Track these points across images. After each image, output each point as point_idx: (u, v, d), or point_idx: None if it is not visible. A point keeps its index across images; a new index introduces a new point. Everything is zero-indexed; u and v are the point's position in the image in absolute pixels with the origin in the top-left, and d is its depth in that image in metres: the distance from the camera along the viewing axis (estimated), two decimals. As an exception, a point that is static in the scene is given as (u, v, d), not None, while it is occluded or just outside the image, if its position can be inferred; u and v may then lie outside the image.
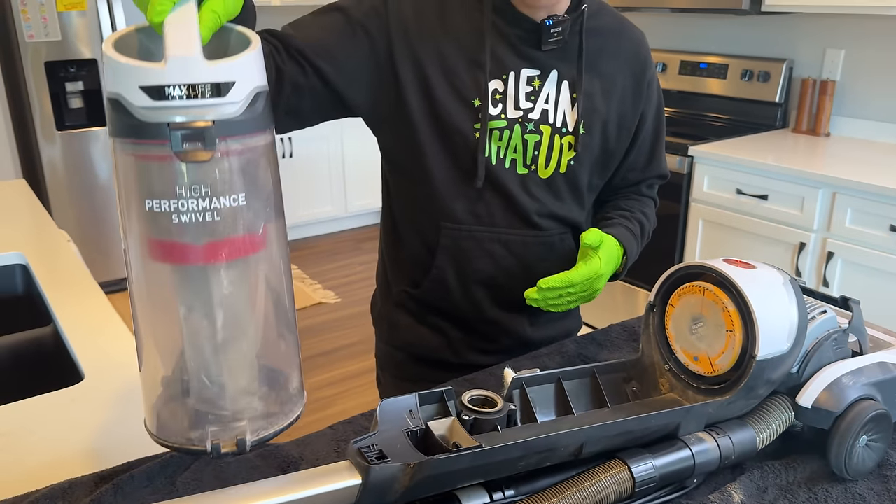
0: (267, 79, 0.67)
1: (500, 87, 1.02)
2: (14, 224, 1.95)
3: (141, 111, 0.58)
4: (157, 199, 0.60)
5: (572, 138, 1.06)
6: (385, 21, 0.99)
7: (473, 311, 1.13)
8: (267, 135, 0.65)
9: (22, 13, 3.23)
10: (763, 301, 0.78)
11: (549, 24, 1.00)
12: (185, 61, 0.58)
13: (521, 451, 0.69)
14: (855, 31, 2.65)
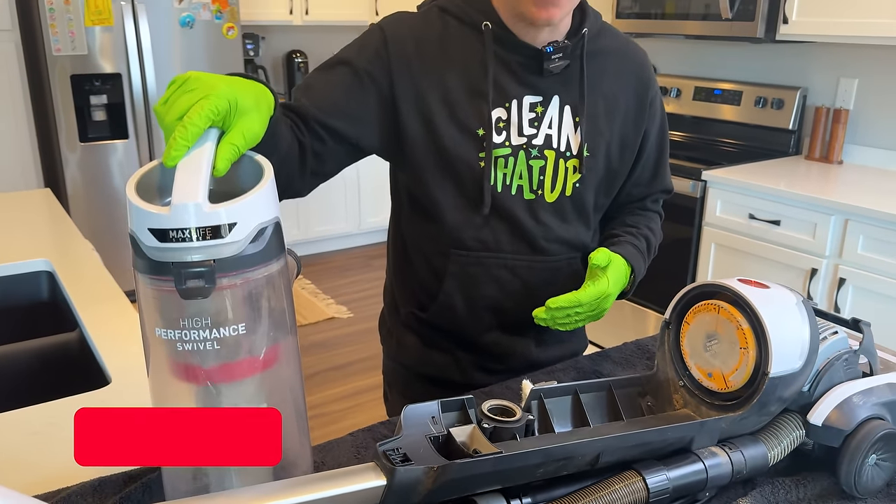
0: (291, 153, 0.71)
1: (503, 114, 1.04)
2: (40, 232, 1.99)
3: (150, 250, 0.64)
4: (164, 329, 0.66)
5: (577, 161, 1.08)
6: (387, 62, 1.02)
7: (481, 334, 1.15)
8: (272, 265, 0.69)
9: (50, 27, 3.31)
10: (776, 320, 0.81)
11: (549, 50, 1.03)
12: (189, 207, 0.62)
13: (539, 459, 0.71)
14: (868, 60, 2.68)
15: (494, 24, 1.04)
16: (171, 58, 3.66)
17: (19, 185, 3.56)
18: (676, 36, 3.02)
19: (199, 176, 0.65)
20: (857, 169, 2.69)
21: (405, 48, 1.03)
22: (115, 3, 3.42)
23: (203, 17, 3.69)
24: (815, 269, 2.32)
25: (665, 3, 2.93)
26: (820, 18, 2.49)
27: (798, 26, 2.56)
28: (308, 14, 4.37)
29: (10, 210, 2.16)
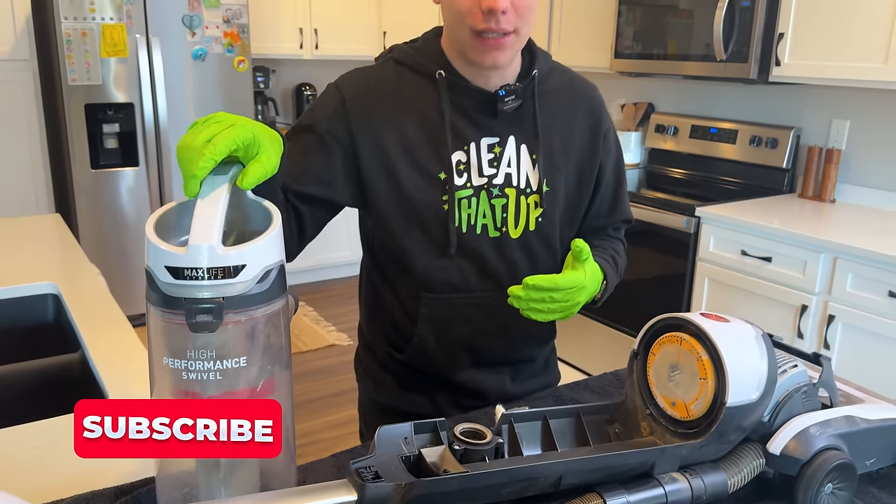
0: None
1: (462, 157, 1.09)
2: (48, 256, 2.06)
3: (164, 285, 0.70)
4: (172, 358, 0.72)
5: (537, 197, 1.13)
6: (346, 120, 1.08)
7: (456, 373, 1.18)
8: (274, 304, 0.75)
9: (67, 58, 3.42)
10: (734, 352, 0.85)
11: (502, 94, 1.08)
12: (203, 249, 0.69)
13: (504, 479, 0.76)
14: (860, 102, 2.75)
15: (447, 71, 1.09)
16: (182, 89, 3.76)
17: (31, 210, 3.65)
18: (675, 76, 3.09)
19: (215, 220, 0.72)
20: (850, 208, 2.74)
21: (363, 103, 1.09)
22: (130, 35, 3.53)
23: (215, 51, 3.80)
24: (806, 305, 2.35)
25: (662, 44, 3.01)
26: (811, 61, 2.56)
27: (790, 69, 2.63)
28: (318, 49, 4.49)
29: (20, 234, 2.24)
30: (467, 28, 1.03)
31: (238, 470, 0.79)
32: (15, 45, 3.52)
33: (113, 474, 0.98)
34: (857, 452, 0.92)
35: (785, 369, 0.93)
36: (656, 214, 2.81)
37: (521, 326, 1.14)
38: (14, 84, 3.56)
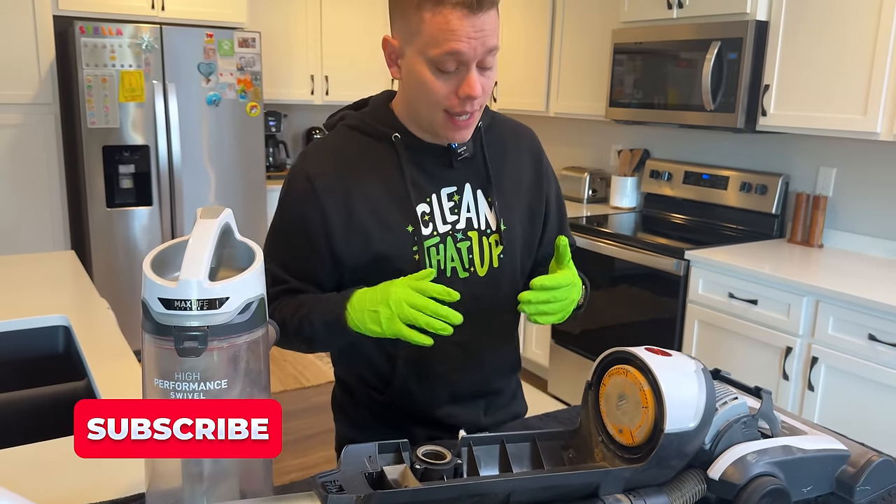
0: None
1: (426, 208, 1.19)
2: (61, 290, 2.17)
3: (157, 315, 0.80)
4: (161, 379, 0.81)
5: (497, 236, 1.23)
6: (318, 202, 1.16)
7: (435, 408, 1.26)
8: (254, 332, 0.84)
9: (88, 102, 3.59)
10: (673, 383, 0.93)
11: (454, 147, 1.20)
12: (192, 283, 0.79)
13: (455, 494, 0.84)
14: (845, 151, 2.84)
15: (402, 133, 1.19)
16: (196, 132, 3.92)
17: (48, 246, 3.79)
18: (671, 125, 3.21)
19: (203, 257, 0.82)
20: (837, 253, 2.81)
21: (329, 178, 1.17)
22: (147, 81, 3.71)
23: (229, 96, 3.97)
24: (790, 347, 2.42)
25: (655, 94, 3.13)
26: (795, 112, 2.67)
27: (776, 118, 2.73)
28: (328, 94, 4.66)
29: (37, 270, 2.36)
30: (442, 110, 1.12)
31: (220, 484, 0.88)
32: (39, 89, 3.70)
33: (109, 490, 1.07)
34: (793, 480, 0.99)
35: (725, 401, 1.01)
36: (648, 257, 2.90)
37: (492, 358, 1.24)
38: (37, 127, 3.74)
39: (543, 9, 3.87)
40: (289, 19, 4.51)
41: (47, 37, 3.67)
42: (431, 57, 1.07)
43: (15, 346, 1.77)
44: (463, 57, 1.06)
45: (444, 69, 1.08)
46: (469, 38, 1.05)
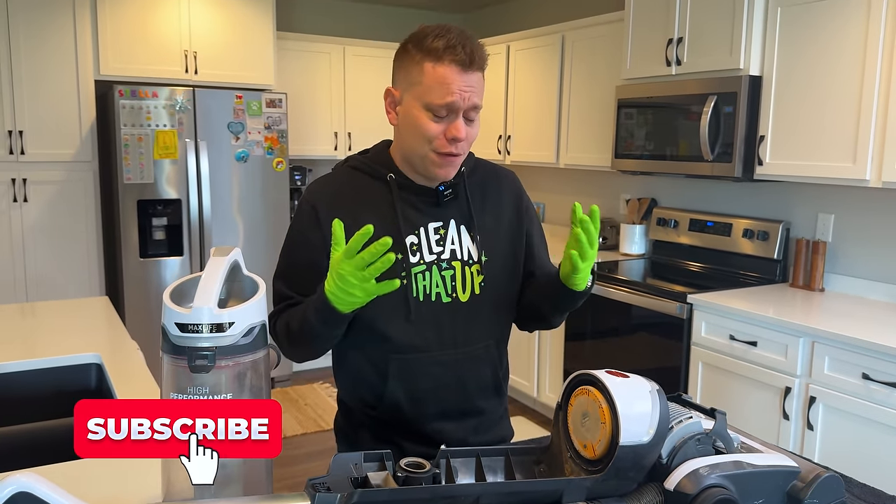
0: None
1: (414, 240, 1.35)
2: (95, 332, 2.34)
3: (174, 337, 0.95)
4: (176, 393, 0.95)
5: (478, 266, 1.38)
6: (320, 226, 1.33)
7: (423, 424, 1.38)
8: (257, 353, 0.98)
9: (124, 159, 3.84)
10: (627, 401, 1.05)
11: (441, 189, 1.37)
12: (203, 310, 0.94)
13: (427, 495, 0.95)
14: (842, 198, 2.94)
15: (397, 174, 1.37)
16: (226, 186, 4.15)
17: (84, 293, 4.00)
18: (677, 175, 3.34)
19: (213, 289, 0.97)
20: (838, 296, 2.89)
21: (331, 206, 1.34)
22: (180, 140, 3.95)
23: (256, 153, 4.20)
24: (789, 387, 2.48)
25: (657, 145, 3.28)
26: (790, 161, 2.79)
27: (772, 167, 2.85)
28: (351, 150, 4.88)
29: (73, 313, 2.54)
30: (431, 149, 1.30)
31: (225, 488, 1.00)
32: (80, 148, 3.97)
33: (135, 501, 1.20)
34: (744, 493, 1.09)
35: (681, 420, 1.12)
36: (653, 301, 3.00)
37: (474, 378, 1.37)
38: (77, 183, 3.99)
39: (552, 68, 4.07)
40: (314, 81, 4.77)
41: (89, 99, 3.96)
42: (427, 102, 1.27)
43: (52, 381, 1.93)
44: (454, 105, 1.27)
45: (437, 114, 1.28)
46: (460, 91, 1.26)
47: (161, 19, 4.07)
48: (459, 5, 5.33)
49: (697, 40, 3.07)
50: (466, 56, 1.26)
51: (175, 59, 4.12)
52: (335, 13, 5.21)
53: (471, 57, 1.26)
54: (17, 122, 3.80)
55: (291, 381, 4.52)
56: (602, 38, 3.72)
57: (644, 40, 3.33)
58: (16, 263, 3.89)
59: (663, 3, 3.22)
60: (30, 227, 3.91)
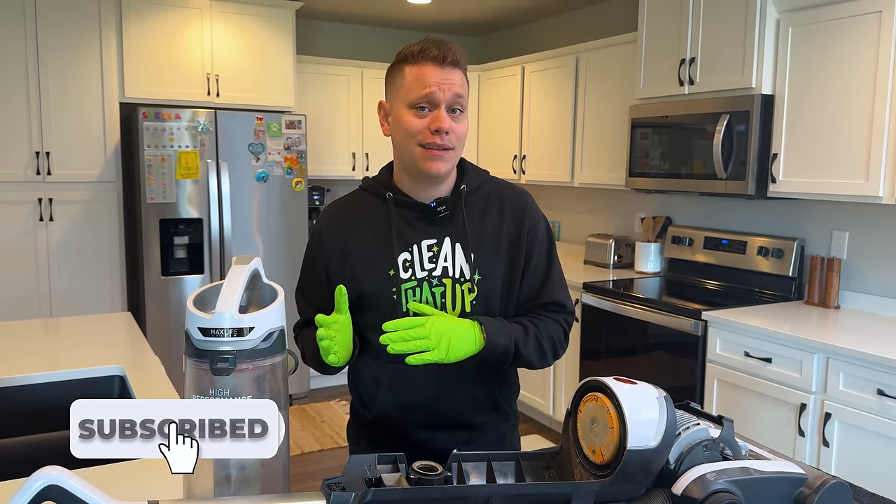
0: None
1: (408, 256, 1.38)
2: (118, 345, 2.40)
3: (196, 341, 0.99)
4: (198, 395, 0.99)
5: (469, 284, 1.38)
6: (323, 247, 1.42)
7: (411, 433, 1.42)
8: (275, 357, 1.02)
9: (147, 179, 3.93)
10: (634, 407, 1.07)
11: (433, 205, 1.40)
12: (224, 315, 0.98)
13: (438, 495, 0.98)
14: (856, 215, 2.95)
15: (395, 193, 1.41)
16: (246, 206, 4.23)
17: (107, 309, 4.08)
18: (692, 193, 3.36)
19: (234, 295, 1.01)
20: (853, 314, 2.88)
21: (334, 228, 1.43)
22: (202, 160, 4.04)
23: (276, 173, 4.28)
24: (805, 404, 2.48)
25: (670, 164, 3.31)
26: (803, 179, 2.81)
27: (785, 185, 2.87)
28: (368, 171, 4.95)
29: (96, 328, 2.60)
30: (417, 143, 1.34)
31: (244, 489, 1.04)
32: (105, 168, 4.07)
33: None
34: (751, 498, 1.10)
35: (688, 426, 1.14)
36: (668, 318, 3.01)
37: (464, 394, 1.40)
38: (101, 202, 4.09)
39: (566, 89, 4.12)
40: (332, 103, 4.86)
41: (114, 121, 4.06)
42: (410, 100, 1.34)
43: (76, 392, 1.98)
44: (433, 97, 1.32)
45: (420, 109, 1.34)
46: (439, 83, 1.33)
47: (184, 43, 4.18)
48: (474, 28, 5.42)
49: (710, 60, 3.11)
50: (440, 52, 1.33)
51: (197, 82, 4.22)
52: (353, 37, 5.31)
53: (445, 54, 1.33)
54: (45, 144, 3.90)
55: (309, 398, 4.55)
56: (616, 58, 3.77)
57: (657, 60, 3.38)
58: (41, 281, 3.98)
59: (676, 24, 3.27)
60: (55, 246, 4.00)
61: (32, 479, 0.82)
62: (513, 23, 5.19)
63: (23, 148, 3.87)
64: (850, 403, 2.35)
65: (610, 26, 4.21)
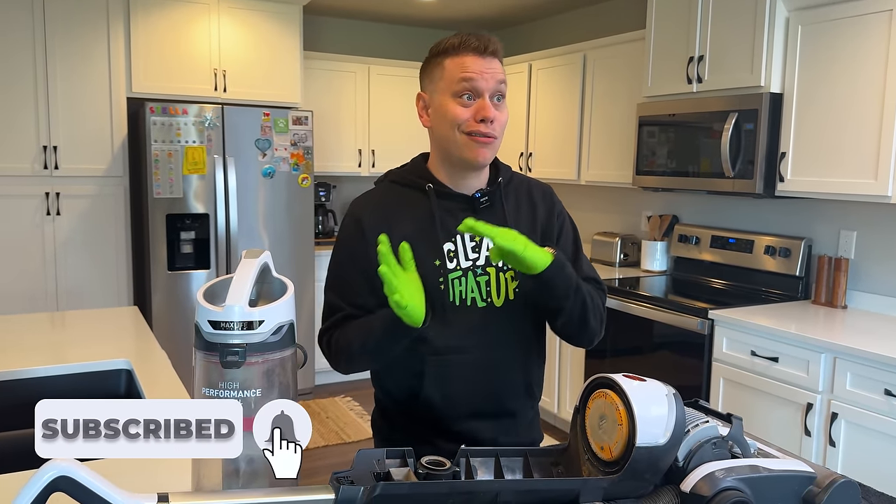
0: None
1: (451, 247, 1.39)
2: (125, 339, 2.40)
3: (206, 334, 0.99)
4: (208, 388, 0.99)
5: (512, 272, 1.41)
6: (363, 235, 1.39)
7: (455, 422, 1.41)
8: (285, 351, 1.02)
9: (154, 174, 3.94)
10: (643, 403, 1.07)
11: (477, 196, 1.41)
12: (234, 308, 0.98)
13: (447, 489, 0.98)
14: (864, 215, 2.94)
15: (435, 184, 1.42)
16: (252, 202, 4.23)
17: (113, 304, 4.09)
18: (699, 192, 3.35)
19: (244, 288, 1.01)
20: (860, 314, 2.87)
21: (373, 218, 1.40)
22: (209, 156, 4.05)
23: (282, 169, 4.28)
24: (811, 403, 2.47)
25: (678, 162, 3.30)
26: (811, 178, 2.79)
27: (793, 184, 2.86)
28: (374, 167, 4.96)
29: (103, 322, 2.60)
30: (463, 132, 1.35)
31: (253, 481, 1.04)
32: (112, 163, 4.08)
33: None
34: (760, 496, 1.10)
35: (697, 424, 1.13)
36: (674, 317, 3.01)
37: (504, 380, 1.40)
38: (108, 197, 4.10)
39: (574, 86, 4.11)
40: (339, 99, 4.86)
41: (121, 116, 4.07)
42: (454, 90, 1.35)
43: (83, 386, 1.98)
44: (477, 85, 1.34)
45: (464, 99, 1.35)
46: (481, 72, 1.35)
47: (191, 39, 4.18)
48: (481, 25, 5.41)
49: (718, 58, 3.10)
50: (481, 43, 1.35)
51: (205, 78, 4.23)
52: (360, 34, 5.31)
53: (485, 44, 1.35)
54: (52, 138, 3.91)
55: (313, 394, 4.56)
56: (623, 56, 3.76)
57: (665, 58, 3.37)
58: (48, 275, 3.99)
59: (684, 22, 3.26)
60: (62, 240, 4.01)
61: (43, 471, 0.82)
62: (520, 20, 5.18)
63: (30, 142, 3.88)
64: (857, 403, 2.34)
65: (617, 24, 4.20)
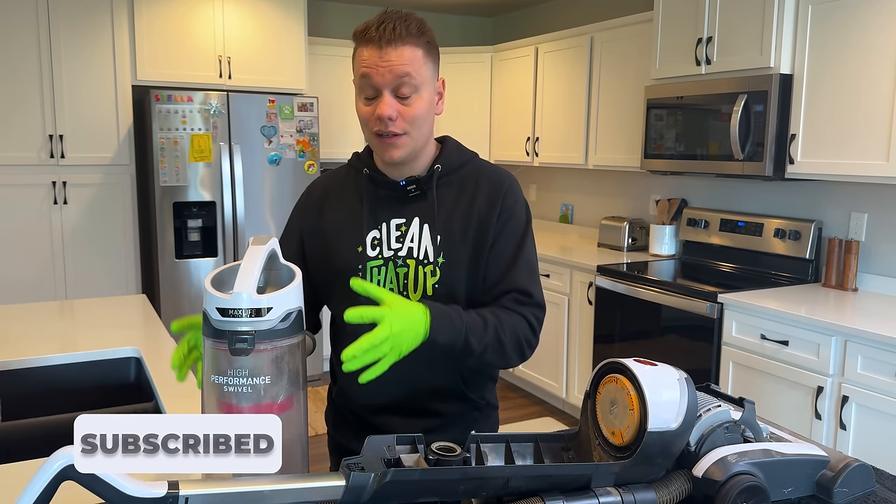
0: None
1: (377, 234, 1.36)
2: (133, 327, 2.41)
3: (215, 321, 0.98)
4: (217, 375, 0.99)
5: (432, 267, 1.33)
6: (306, 211, 1.44)
7: (372, 415, 1.40)
8: (294, 338, 1.02)
9: (160, 162, 3.93)
10: (655, 388, 1.06)
11: (402, 184, 1.35)
12: (242, 296, 0.97)
13: (458, 475, 0.98)
14: (875, 196, 2.91)
15: (371, 170, 1.38)
16: (259, 189, 4.22)
17: (121, 292, 4.10)
18: (708, 174, 3.33)
19: (252, 275, 1.00)
20: (871, 296, 2.85)
21: (319, 197, 1.44)
22: (215, 143, 4.04)
23: (288, 156, 4.27)
24: (822, 387, 2.46)
25: (687, 145, 3.27)
26: (822, 160, 2.77)
27: (803, 166, 2.83)
28: (380, 152, 4.94)
29: (112, 310, 2.61)
30: (370, 131, 1.31)
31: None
32: (118, 152, 4.07)
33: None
34: (773, 480, 1.09)
35: (709, 408, 1.13)
36: (683, 301, 2.99)
37: (424, 381, 1.36)
38: (114, 185, 4.10)
39: (581, 70, 4.08)
40: (344, 85, 4.84)
41: (126, 105, 4.06)
42: (357, 85, 1.31)
43: (93, 373, 1.99)
44: (373, 81, 1.27)
45: (365, 94, 1.30)
46: (376, 66, 1.26)
47: (196, 26, 4.16)
48: (486, 9, 5.36)
49: (727, 39, 3.06)
50: (378, 33, 1.26)
51: (209, 65, 4.21)
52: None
53: (382, 33, 1.25)
54: (58, 127, 3.91)
55: (322, 380, 4.57)
56: (631, 38, 3.72)
57: (673, 40, 3.33)
58: (56, 263, 4.00)
59: (692, 3, 3.22)
60: (69, 229, 4.02)
61: (52, 459, 0.82)
62: (526, 3, 5.13)
63: (36, 131, 3.88)
64: (867, 386, 2.33)
65: (625, 5, 4.16)
